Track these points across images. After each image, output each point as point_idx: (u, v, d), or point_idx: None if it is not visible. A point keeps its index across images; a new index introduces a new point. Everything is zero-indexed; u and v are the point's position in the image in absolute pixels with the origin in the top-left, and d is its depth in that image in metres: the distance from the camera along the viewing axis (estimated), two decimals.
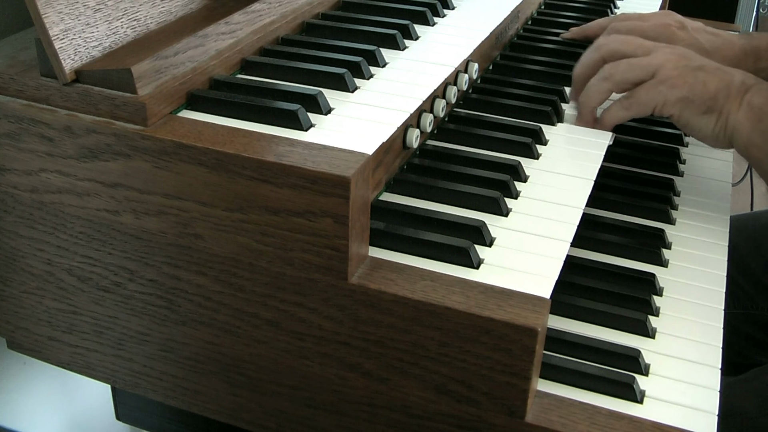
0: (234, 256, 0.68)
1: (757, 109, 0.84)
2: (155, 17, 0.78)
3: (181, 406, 0.79)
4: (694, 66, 0.86)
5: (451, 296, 0.63)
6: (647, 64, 0.87)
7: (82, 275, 0.76)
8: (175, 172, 0.67)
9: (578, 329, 0.74)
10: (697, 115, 0.86)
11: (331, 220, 0.63)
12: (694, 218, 0.92)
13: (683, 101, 0.85)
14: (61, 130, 0.70)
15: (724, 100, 0.85)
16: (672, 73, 0.85)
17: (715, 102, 0.85)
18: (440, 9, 0.99)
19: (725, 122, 0.85)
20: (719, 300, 0.79)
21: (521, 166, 0.81)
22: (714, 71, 0.86)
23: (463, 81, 0.89)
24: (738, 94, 0.85)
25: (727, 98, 0.85)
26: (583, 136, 0.90)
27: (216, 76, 0.77)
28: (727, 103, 0.85)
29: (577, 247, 0.83)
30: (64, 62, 0.69)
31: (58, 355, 0.83)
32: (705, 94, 0.85)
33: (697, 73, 0.85)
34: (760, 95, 0.84)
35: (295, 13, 0.91)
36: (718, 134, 0.86)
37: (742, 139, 0.85)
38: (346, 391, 0.70)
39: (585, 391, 0.68)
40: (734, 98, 0.85)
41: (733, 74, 0.86)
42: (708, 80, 0.85)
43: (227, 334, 0.72)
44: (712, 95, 0.85)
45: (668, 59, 0.86)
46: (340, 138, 0.68)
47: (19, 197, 0.75)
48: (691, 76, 0.85)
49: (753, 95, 0.85)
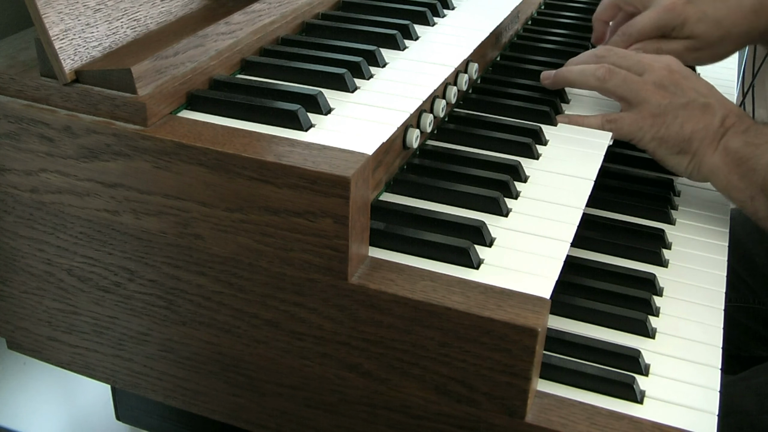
0: (234, 256, 0.68)
1: (734, 153, 0.85)
2: (155, 17, 0.78)
3: (181, 406, 0.79)
4: (678, 104, 0.87)
5: (451, 296, 0.63)
6: (638, 89, 0.88)
7: (82, 275, 0.76)
8: (175, 172, 0.67)
9: (578, 329, 0.74)
10: (671, 155, 0.88)
11: (331, 220, 0.63)
12: (694, 218, 0.92)
13: (658, 140, 0.88)
14: (61, 130, 0.70)
15: (699, 143, 0.86)
16: (654, 110, 0.87)
17: (689, 144, 0.87)
18: (440, 9, 0.99)
19: (699, 164, 0.87)
20: (719, 300, 0.79)
21: (521, 166, 0.81)
22: (698, 109, 0.87)
23: (463, 81, 0.89)
24: (714, 138, 0.86)
25: (702, 141, 0.86)
26: (583, 136, 0.90)
27: (216, 76, 0.77)
28: (702, 147, 0.86)
29: (577, 247, 0.83)
30: (64, 62, 0.69)
31: (58, 355, 0.83)
32: (679, 136, 0.87)
33: (678, 112, 0.87)
34: (736, 138, 0.86)
35: (295, 13, 0.91)
36: (692, 173, 0.88)
37: (720, 182, 0.87)
38: (345, 392, 0.70)
39: (585, 392, 0.68)
40: (710, 142, 0.86)
41: (715, 113, 0.87)
42: (686, 121, 0.86)
43: (227, 334, 0.72)
44: (687, 138, 0.86)
45: (656, 92, 0.88)
46: (340, 138, 0.68)
47: (19, 197, 0.75)
48: (671, 115, 0.87)
49: (729, 138, 0.86)
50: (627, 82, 0.89)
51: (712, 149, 0.86)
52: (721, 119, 0.87)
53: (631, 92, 0.89)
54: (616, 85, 0.89)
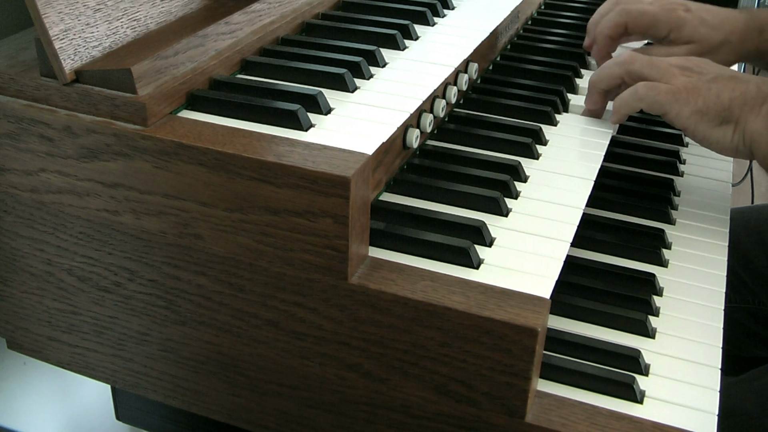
0: (234, 256, 0.68)
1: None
2: (155, 17, 0.78)
3: (181, 406, 0.79)
4: (707, 79, 0.85)
5: (451, 296, 0.63)
6: (665, 69, 0.87)
7: (82, 275, 0.76)
8: (175, 172, 0.67)
9: (578, 329, 0.74)
10: (713, 128, 0.84)
11: (331, 220, 0.63)
12: (694, 218, 0.92)
13: (697, 114, 0.84)
14: (61, 130, 0.70)
15: (739, 110, 0.83)
16: (687, 85, 0.85)
17: (731, 113, 0.83)
18: (440, 9, 0.99)
19: (743, 132, 0.83)
20: (719, 300, 0.79)
21: (521, 166, 0.81)
22: (728, 80, 0.85)
23: (463, 81, 0.89)
24: (755, 103, 0.83)
25: (743, 108, 0.83)
26: (583, 136, 0.90)
27: (216, 76, 0.77)
28: (743, 113, 0.83)
29: (577, 247, 0.83)
30: (64, 62, 0.69)
31: (58, 355, 0.83)
32: (718, 105, 0.83)
33: (710, 84, 0.84)
34: None
35: (295, 13, 0.91)
36: (737, 145, 0.84)
37: (762, 150, 0.83)
38: (346, 391, 0.70)
39: (585, 391, 0.68)
40: (751, 107, 0.83)
41: (748, 82, 0.85)
42: (722, 91, 0.84)
43: (227, 334, 0.72)
44: (727, 106, 0.83)
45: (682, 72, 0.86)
46: (340, 138, 0.68)
47: (19, 197, 0.75)
48: (704, 88, 0.84)
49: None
50: (653, 63, 0.87)
51: (754, 114, 0.82)
52: (757, 85, 0.84)
53: (658, 71, 0.87)
54: (642, 66, 0.87)
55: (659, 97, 0.85)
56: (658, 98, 0.86)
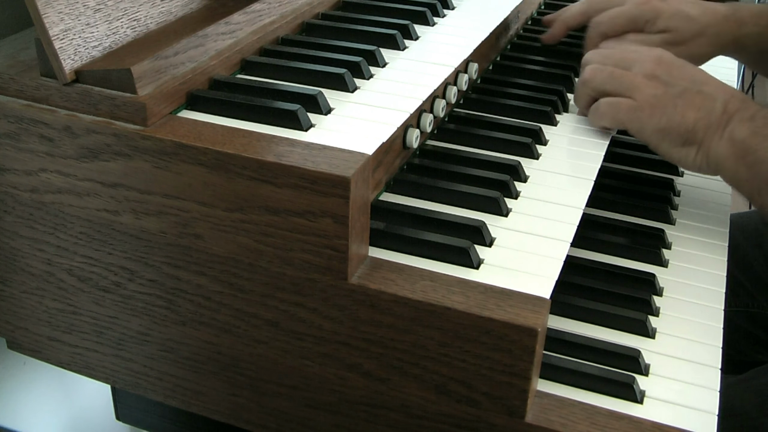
0: (234, 256, 0.68)
1: (740, 143, 0.80)
2: (155, 17, 0.79)
3: (181, 406, 0.79)
4: (674, 93, 0.83)
5: (451, 296, 0.63)
6: (629, 82, 0.85)
7: (82, 275, 0.76)
8: (175, 172, 0.67)
9: (578, 329, 0.74)
10: (675, 147, 0.83)
11: (331, 220, 0.63)
12: (694, 218, 0.92)
13: (660, 132, 0.83)
14: (61, 130, 0.70)
15: (703, 132, 0.81)
16: (650, 100, 0.83)
17: (694, 134, 0.82)
18: (440, 9, 0.99)
19: (706, 153, 0.82)
20: (719, 300, 0.79)
21: (521, 166, 0.81)
22: (695, 95, 0.82)
23: (463, 81, 0.89)
24: (719, 126, 0.81)
25: (707, 130, 0.81)
26: (583, 136, 0.90)
27: (216, 76, 0.77)
28: (707, 136, 0.81)
29: (577, 247, 0.83)
30: (64, 62, 0.69)
31: (58, 355, 0.83)
32: (681, 126, 0.82)
33: (675, 101, 0.82)
34: (742, 127, 0.80)
35: (295, 13, 0.91)
36: (701, 165, 0.83)
37: (728, 173, 0.82)
38: (345, 392, 0.70)
39: (585, 391, 0.68)
40: (714, 130, 0.81)
41: (715, 100, 0.82)
42: (687, 109, 0.82)
43: (227, 334, 0.72)
44: (691, 128, 0.82)
45: (648, 83, 0.84)
46: (340, 138, 0.68)
47: (19, 197, 0.75)
48: (669, 105, 0.82)
49: (735, 127, 0.81)
50: (614, 76, 0.86)
51: (717, 137, 0.81)
52: (723, 104, 0.82)
53: (621, 85, 0.85)
54: (602, 81, 0.87)
55: (620, 115, 0.85)
56: (618, 116, 0.85)
